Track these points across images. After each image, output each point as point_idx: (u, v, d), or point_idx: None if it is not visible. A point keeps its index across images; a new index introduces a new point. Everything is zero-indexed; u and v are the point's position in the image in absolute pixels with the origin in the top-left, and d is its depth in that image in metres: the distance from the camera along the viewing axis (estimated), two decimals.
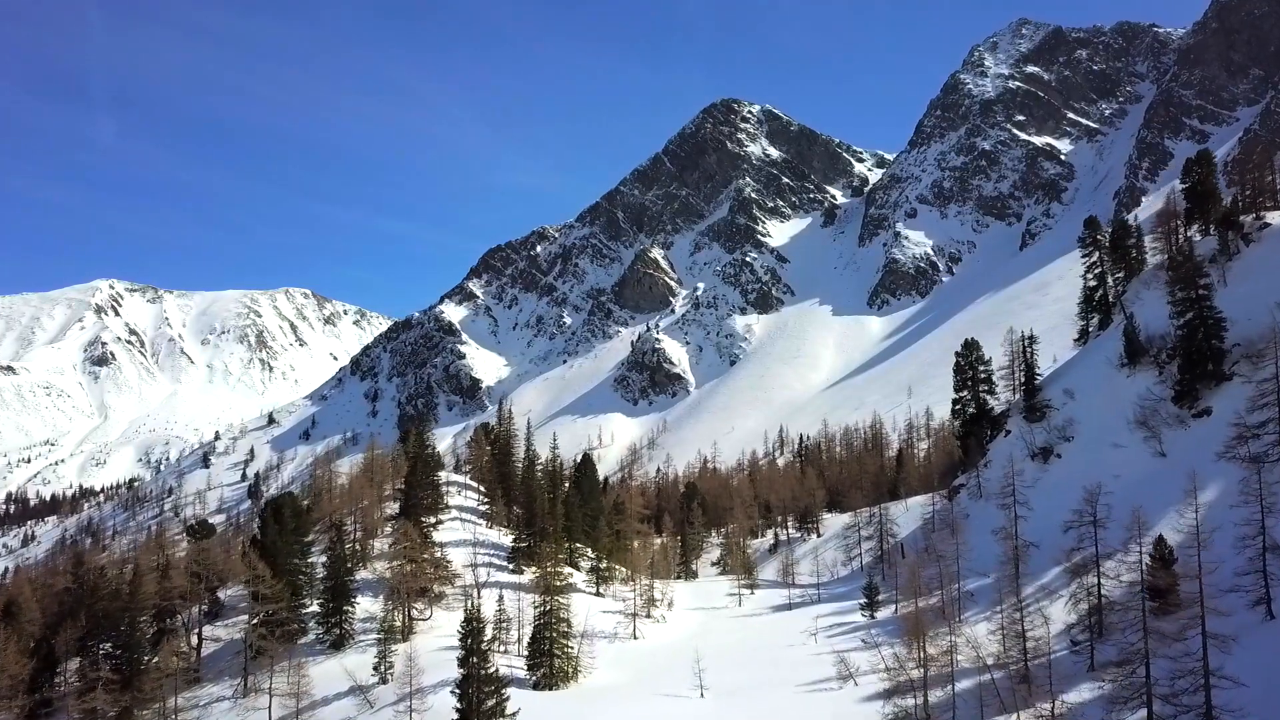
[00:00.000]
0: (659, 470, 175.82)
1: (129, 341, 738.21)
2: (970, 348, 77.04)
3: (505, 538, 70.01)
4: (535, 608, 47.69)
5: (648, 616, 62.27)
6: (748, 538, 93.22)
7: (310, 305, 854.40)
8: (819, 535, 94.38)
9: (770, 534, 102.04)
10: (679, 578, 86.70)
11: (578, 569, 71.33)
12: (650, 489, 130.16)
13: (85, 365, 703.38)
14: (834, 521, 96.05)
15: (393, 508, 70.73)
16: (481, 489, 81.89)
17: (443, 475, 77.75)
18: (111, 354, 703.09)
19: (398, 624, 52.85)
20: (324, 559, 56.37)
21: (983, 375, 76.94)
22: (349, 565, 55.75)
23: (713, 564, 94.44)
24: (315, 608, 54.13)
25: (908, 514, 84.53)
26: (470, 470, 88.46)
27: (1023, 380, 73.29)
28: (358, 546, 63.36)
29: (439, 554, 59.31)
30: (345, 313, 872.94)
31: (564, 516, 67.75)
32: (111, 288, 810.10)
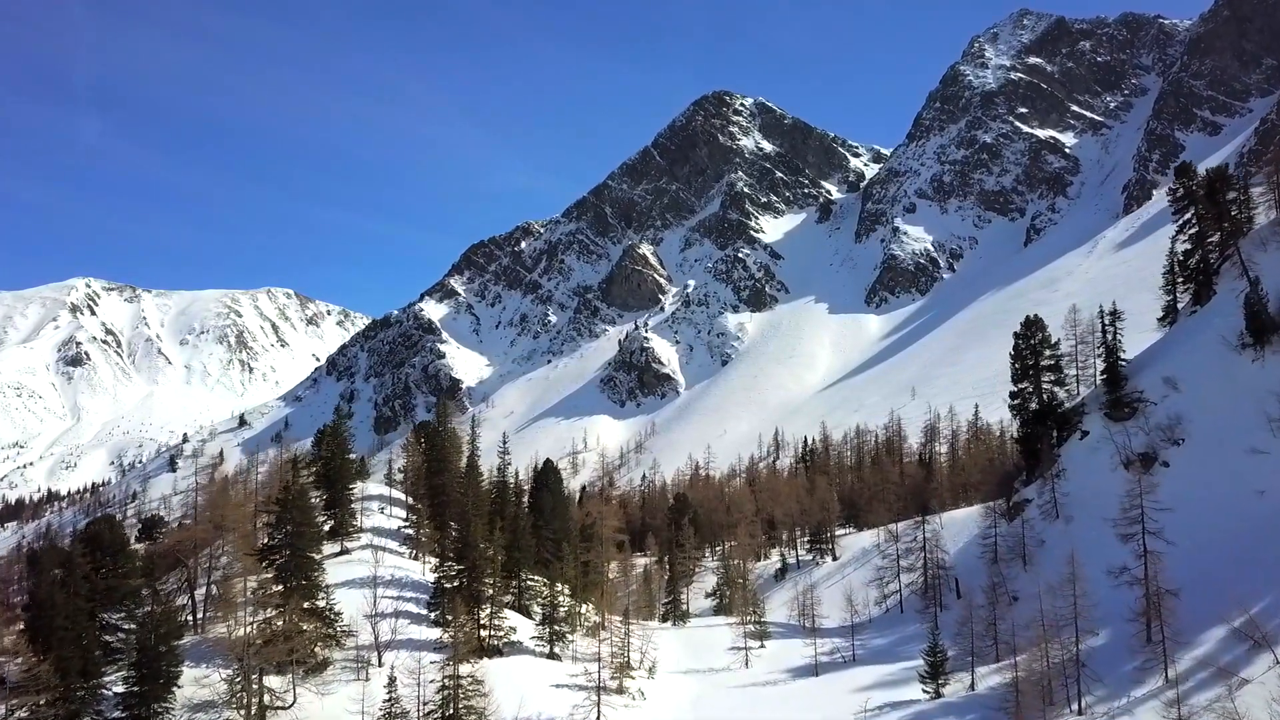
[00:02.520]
0: (644, 477, 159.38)
1: (104, 341, 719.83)
2: (1033, 327, 61.11)
3: (434, 574, 52.98)
4: (427, 710, 31.11)
5: (619, 691, 45.37)
6: (750, 560, 76.72)
7: (293, 305, 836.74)
8: (834, 558, 77.82)
9: (775, 555, 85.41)
10: (665, 620, 69.61)
11: (529, 615, 54.49)
12: (634, 499, 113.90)
13: (58, 365, 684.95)
14: (853, 541, 79.47)
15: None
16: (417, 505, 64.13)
17: (360, 487, 60.86)
18: (86, 354, 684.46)
19: (240, 717, 36.14)
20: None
21: (1048, 361, 60.91)
22: (180, 624, 38.82)
23: (707, 595, 76.75)
24: (119, 690, 36.76)
25: (945, 533, 68.36)
26: (404, 482, 70.82)
27: (1103, 368, 57.25)
28: (214, 591, 46.02)
29: (324, 604, 42.34)
30: (328, 313, 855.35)
31: (506, 546, 50.96)
32: (88, 286, 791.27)
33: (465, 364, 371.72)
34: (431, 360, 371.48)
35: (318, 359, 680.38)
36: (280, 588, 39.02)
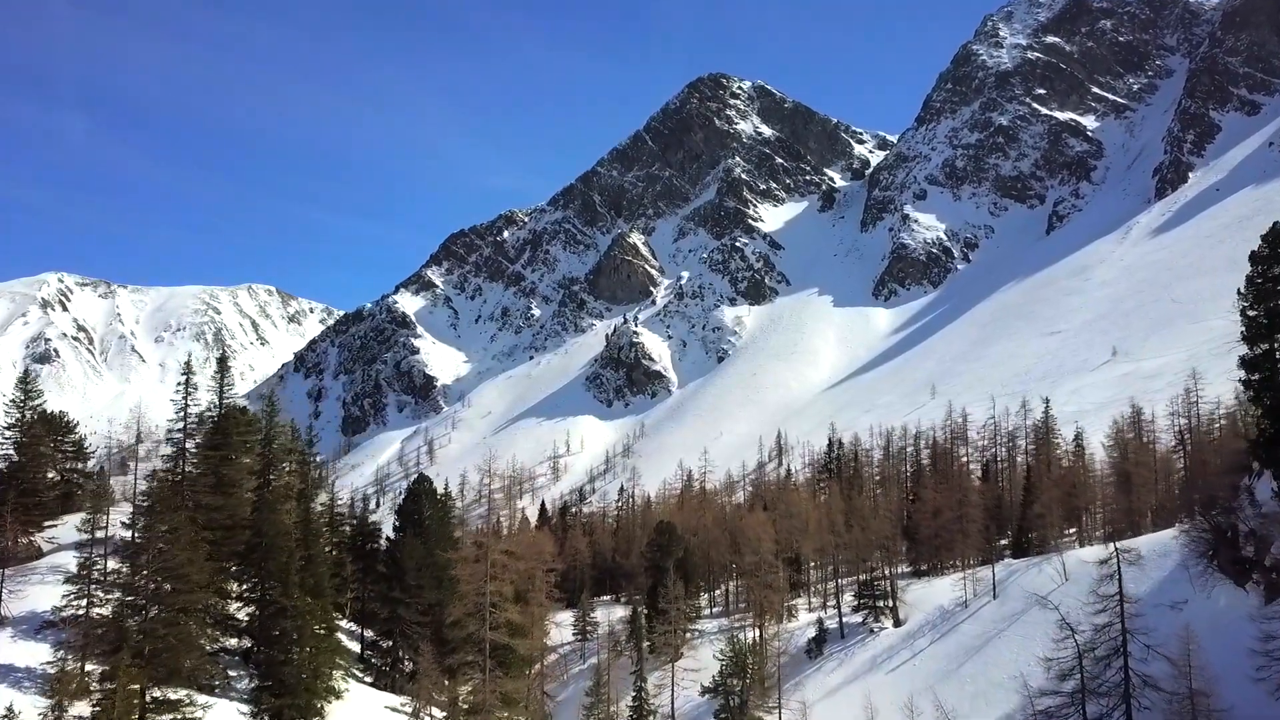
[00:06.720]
0: (623, 490, 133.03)
1: (75, 338, 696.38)
2: None
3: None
4: None
5: None
6: (774, 620, 50.48)
7: (274, 303, 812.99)
8: (897, 622, 51.76)
9: (804, 612, 58.77)
10: None
11: None
12: (608, 524, 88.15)
13: (26, 363, 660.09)
14: (922, 595, 53.22)
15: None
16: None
17: (57, 530, 35.17)
18: (55, 351, 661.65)
19: None
20: None
21: None
22: None
23: (704, 690, 48.14)
24: None
25: (1074, 589, 42.95)
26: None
27: None
28: None
29: None
30: (311, 310, 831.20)
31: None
32: (60, 281, 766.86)
33: (441, 360, 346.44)
34: (405, 356, 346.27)
35: None
36: None
